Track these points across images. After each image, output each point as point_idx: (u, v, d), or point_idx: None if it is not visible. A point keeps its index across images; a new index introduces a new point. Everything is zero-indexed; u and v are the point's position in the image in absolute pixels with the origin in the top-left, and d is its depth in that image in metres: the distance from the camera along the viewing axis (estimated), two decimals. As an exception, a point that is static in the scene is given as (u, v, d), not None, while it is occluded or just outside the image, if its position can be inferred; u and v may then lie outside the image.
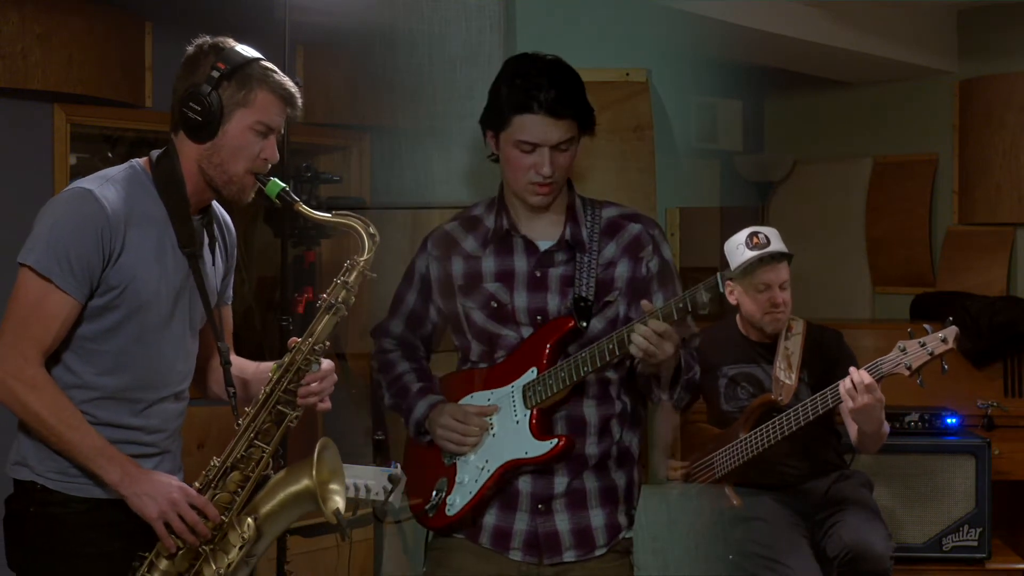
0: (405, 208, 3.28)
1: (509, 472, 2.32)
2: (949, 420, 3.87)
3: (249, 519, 2.08)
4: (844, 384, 3.03)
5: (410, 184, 3.27)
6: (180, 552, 2.05)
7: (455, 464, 2.39)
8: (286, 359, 2.12)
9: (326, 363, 2.17)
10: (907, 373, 2.96)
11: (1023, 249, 4.93)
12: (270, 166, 2.15)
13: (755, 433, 3.21)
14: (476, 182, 2.44)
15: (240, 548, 2.06)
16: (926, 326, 2.96)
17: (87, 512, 2.06)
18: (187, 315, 2.17)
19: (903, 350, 2.97)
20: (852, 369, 3.04)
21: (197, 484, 2.08)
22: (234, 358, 2.30)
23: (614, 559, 2.39)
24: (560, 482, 2.33)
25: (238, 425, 2.12)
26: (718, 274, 2.21)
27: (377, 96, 3.39)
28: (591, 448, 2.34)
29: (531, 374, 2.32)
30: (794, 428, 3.14)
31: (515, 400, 2.33)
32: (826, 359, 3.35)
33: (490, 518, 2.36)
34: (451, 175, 3.18)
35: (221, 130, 2.08)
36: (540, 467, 2.32)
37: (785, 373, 3.29)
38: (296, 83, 3.39)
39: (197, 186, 2.13)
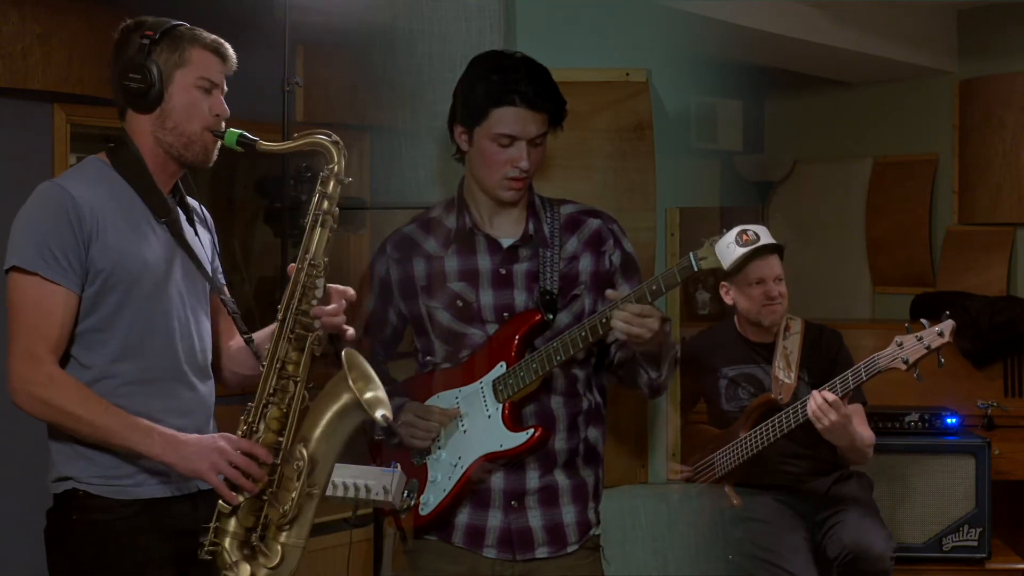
0: (405, 208, 3.27)
1: (483, 467, 2.33)
2: (949, 420, 3.87)
3: (300, 447, 2.04)
4: (810, 406, 3.05)
5: (410, 184, 3.26)
6: (243, 505, 2.03)
7: (425, 464, 2.39)
8: (289, 286, 2.11)
9: (349, 290, 2.18)
10: (904, 368, 2.97)
11: (1023, 249, 4.93)
12: (223, 122, 2.15)
13: (755, 432, 3.22)
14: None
15: (298, 479, 2.03)
16: (923, 321, 2.97)
17: (130, 517, 2.05)
18: (186, 287, 2.16)
19: (900, 345, 2.98)
20: (814, 392, 3.06)
21: (239, 432, 2.06)
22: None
23: (584, 556, 2.40)
24: (532, 478, 2.34)
25: (263, 366, 2.10)
26: (691, 254, 2.22)
27: (377, 96, 3.39)
28: (560, 444, 2.35)
29: (500, 368, 2.32)
30: (793, 425, 3.14)
31: (485, 395, 2.33)
32: (826, 358, 3.35)
33: (463, 517, 2.36)
34: (451, 175, 3.17)
35: (166, 94, 2.10)
36: (513, 463, 2.32)
37: (784, 372, 3.29)
38: (296, 83, 3.42)
39: (157, 161, 2.14)
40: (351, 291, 2.21)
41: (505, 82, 2.27)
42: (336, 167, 2.14)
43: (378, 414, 2.05)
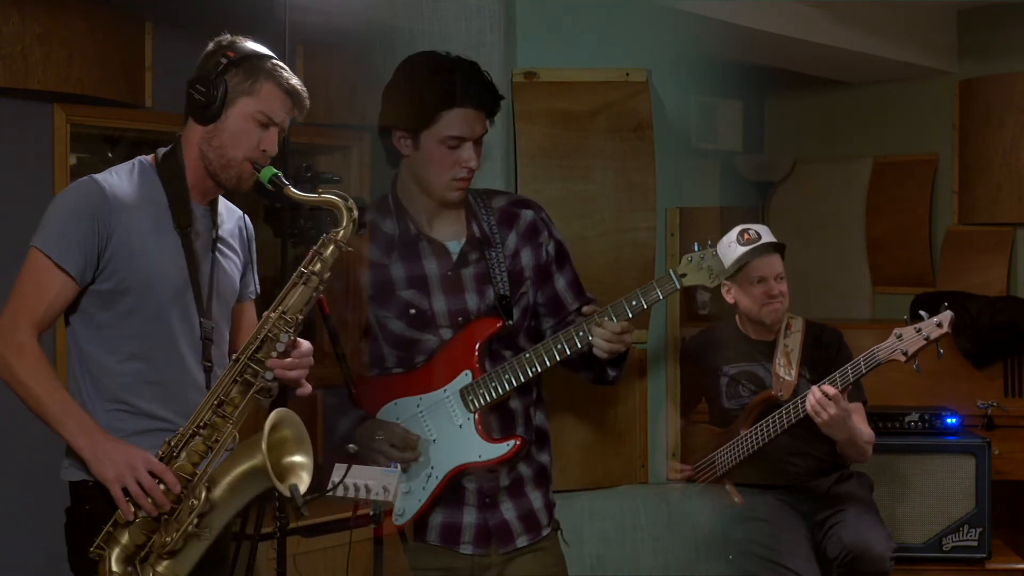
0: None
1: (458, 475, 2.34)
2: (949, 420, 3.87)
3: (202, 487, 2.05)
4: (809, 400, 3.05)
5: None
6: (138, 522, 2.04)
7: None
8: (254, 331, 2.13)
9: (304, 344, 2.17)
10: (904, 359, 2.97)
11: (1023, 249, 4.92)
12: (269, 159, 2.18)
13: (755, 429, 3.22)
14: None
15: (189, 515, 2.03)
16: (922, 313, 2.96)
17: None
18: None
19: (899, 337, 2.98)
20: (814, 387, 3.06)
21: (159, 452, 2.08)
22: None
23: (551, 537, 2.47)
24: (503, 475, 2.37)
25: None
26: (671, 271, 2.22)
27: (377, 96, 3.39)
28: (522, 436, 2.37)
29: (465, 377, 2.32)
30: (793, 421, 3.14)
31: (452, 404, 2.33)
32: (826, 356, 3.35)
33: (437, 517, 2.38)
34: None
35: (224, 113, 2.14)
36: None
37: (785, 370, 3.29)
38: (296, 83, 3.42)
39: (197, 173, 2.19)
40: (307, 348, 2.17)
41: (450, 84, 2.28)
42: (341, 232, 2.14)
43: (287, 484, 2.03)
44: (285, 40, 3.28)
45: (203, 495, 2.04)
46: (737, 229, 3.33)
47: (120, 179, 2.15)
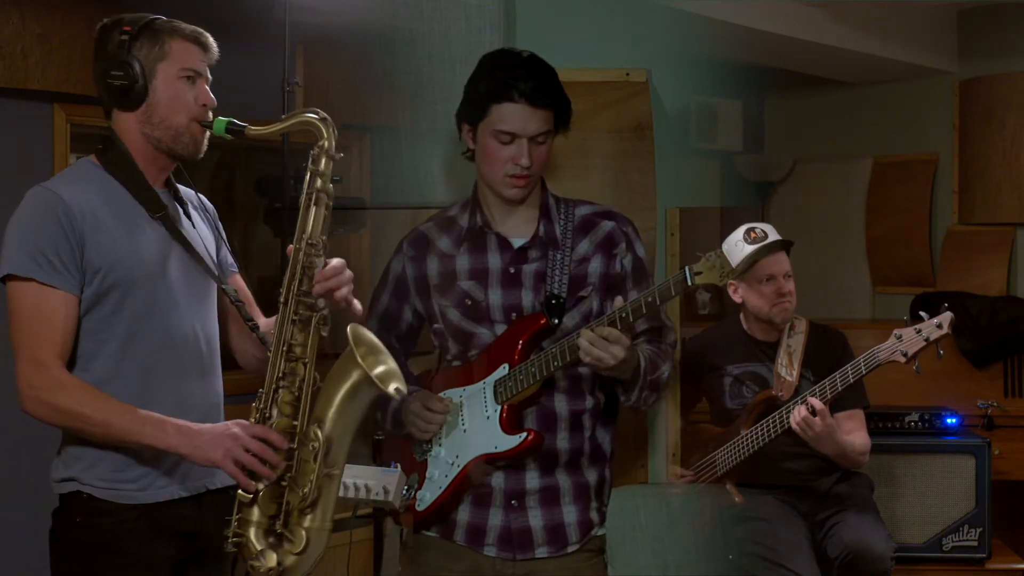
0: (405, 208, 3.28)
1: (479, 467, 2.32)
2: (949, 420, 3.87)
3: (314, 428, 2.01)
4: (795, 417, 3.05)
5: (410, 184, 3.27)
6: (262, 493, 2.00)
7: (426, 460, 2.40)
8: (289, 267, 2.08)
9: (336, 260, 2.11)
10: (904, 360, 2.96)
11: (1023, 249, 4.93)
12: (210, 112, 2.13)
13: (756, 429, 3.21)
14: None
15: (315, 460, 2.00)
16: (922, 314, 2.96)
17: (133, 520, 2.04)
18: (186, 281, 2.14)
19: (899, 338, 2.97)
20: (800, 406, 3.06)
21: (252, 419, 2.04)
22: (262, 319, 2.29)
23: (588, 558, 2.39)
24: (532, 478, 2.34)
25: (270, 351, 2.08)
26: (687, 268, 2.20)
27: (377, 96, 3.39)
28: (563, 443, 2.35)
29: (503, 370, 2.32)
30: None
31: (486, 396, 2.34)
32: (829, 358, 3.34)
33: (463, 515, 2.37)
34: (451, 175, 3.18)
35: (150, 88, 2.08)
36: (512, 463, 2.32)
37: (786, 369, 3.29)
38: (296, 83, 3.42)
39: (147, 157, 2.12)
40: (339, 263, 2.12)
41: (505, 78, 2.27)
42: (326, 143, 2.11)
43: (391, 387, 2.01)
44: (285, 40, 3.29)
45: (319, 434, 2.00)
46: (743, 228, 3.31)
47: (71, 181, 2.07)
